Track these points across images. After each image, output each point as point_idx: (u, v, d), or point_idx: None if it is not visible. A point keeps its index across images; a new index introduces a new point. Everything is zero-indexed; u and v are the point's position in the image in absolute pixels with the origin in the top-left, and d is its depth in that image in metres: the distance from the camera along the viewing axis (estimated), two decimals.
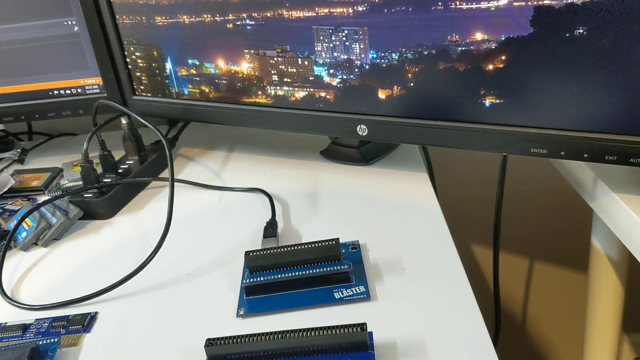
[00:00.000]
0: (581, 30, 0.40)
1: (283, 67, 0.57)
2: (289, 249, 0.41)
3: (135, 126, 0.65)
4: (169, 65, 0.65)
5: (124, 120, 0.64)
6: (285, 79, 0.58)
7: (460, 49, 0.46)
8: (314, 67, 0.55)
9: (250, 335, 0.33)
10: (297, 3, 0.53)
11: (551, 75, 0.43)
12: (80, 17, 0.66)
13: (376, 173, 0.60)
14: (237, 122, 0.63)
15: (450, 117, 0.50)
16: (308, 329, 0.33)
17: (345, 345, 0.33)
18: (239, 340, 0.33)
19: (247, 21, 0.57)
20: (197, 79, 0.64)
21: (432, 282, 0.40)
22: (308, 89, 0.57)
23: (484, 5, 0.44)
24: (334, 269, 0.40)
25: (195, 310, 0.41)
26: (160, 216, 0.56)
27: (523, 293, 1.01)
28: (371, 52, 0.51)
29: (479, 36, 0.45)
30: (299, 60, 0.56)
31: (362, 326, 0.32)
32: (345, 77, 0.54)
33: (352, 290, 0.40)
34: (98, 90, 0.71)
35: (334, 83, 0.55)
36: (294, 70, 0.57)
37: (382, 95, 0.53)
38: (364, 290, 0.39)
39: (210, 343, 0.33)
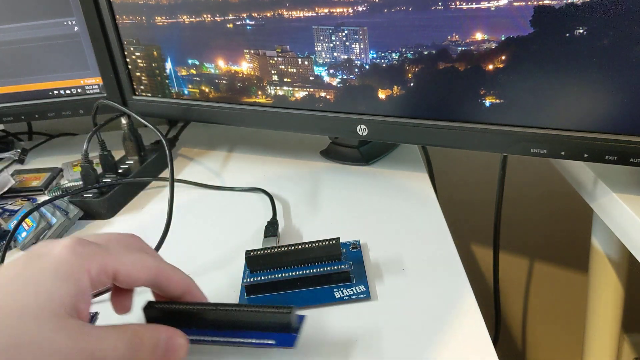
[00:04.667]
0: (581, 30, 0.40)
1: (283, 67, 0.57)
2: (289, 248, 0.41)
3: (135, 126, 0.65)
4: (169, 65, 0.65)
5: (124, 120, 0.64)
6: (285, 79, 0.58)
7: (460, 49, 0.46)
8: (314, 67, 0.55)
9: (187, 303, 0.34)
10: (297, 3, 0.53)
11: (551, 75, 0.43)
12: (80, 17, 0.66)
13: (376, 173, 0.60)
14: (237, 122, 0.63)
15: (450, 117, 0.50)
16: (238, 305, 0.34)
17: (271, 325, 0.33)
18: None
19: (247, 21, 0.57)
20: (197, 79, 0.64)
21: (432, 282, 0.40)
22: (308, 89, 0.57)
23: (484, 5, 0.44)
24: (335, 268, 0.40)
25: None
26: (160, 216, 0.56)
27: (523, 293, 1.02)
28: (371, 52, 0.51)
29: (479, 36, 0.45)
30: (299, 60, 0.56)
31: (289, 310, 0.32)
32: (345, 77, 0.54)
33: (352, 290, 0.40)
34: (98, 90, 0.71)
35: (334, 83, 0.55)
36: (294, 70, 0.57)
37: (382, 95, 0.53)
38: (365, 289, 0.40)
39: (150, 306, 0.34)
